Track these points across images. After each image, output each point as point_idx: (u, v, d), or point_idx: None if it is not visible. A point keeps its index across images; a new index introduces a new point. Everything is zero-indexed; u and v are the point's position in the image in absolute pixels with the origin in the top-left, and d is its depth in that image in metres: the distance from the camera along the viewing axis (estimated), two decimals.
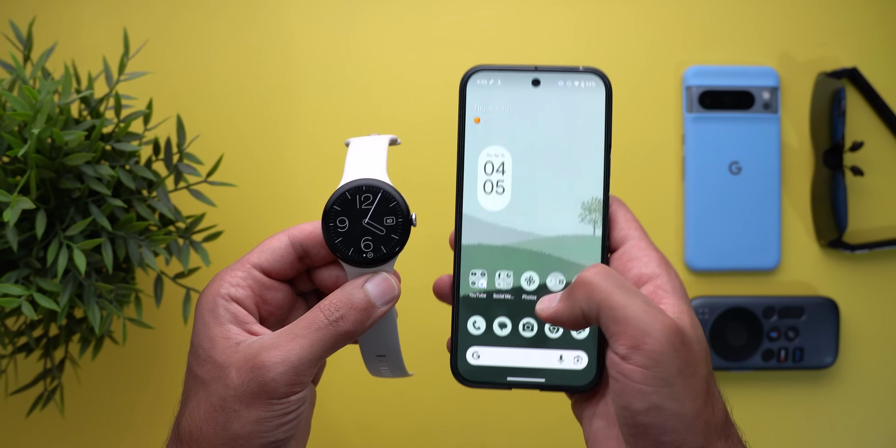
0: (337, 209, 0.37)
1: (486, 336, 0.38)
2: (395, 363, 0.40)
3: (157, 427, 0.67)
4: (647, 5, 0.68)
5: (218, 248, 0.62)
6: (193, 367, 0.36)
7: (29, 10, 0.65)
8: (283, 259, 0.38)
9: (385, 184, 0.37)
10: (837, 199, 0.66)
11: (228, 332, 0.35)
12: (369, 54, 0.68)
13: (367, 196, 0.36)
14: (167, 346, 0.66)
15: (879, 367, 0.69)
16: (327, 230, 0.36)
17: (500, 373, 0.38)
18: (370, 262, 0.36)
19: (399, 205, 0.36)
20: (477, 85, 0.39)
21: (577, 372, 0.37)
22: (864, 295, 0.69)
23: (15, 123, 0.49)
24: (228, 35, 0.67)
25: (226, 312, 0.36)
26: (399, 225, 0.36)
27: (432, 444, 0.68)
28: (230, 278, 0.37)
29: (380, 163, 0.38)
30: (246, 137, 0.67)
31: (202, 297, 0.37)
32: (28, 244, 0.52)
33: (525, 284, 0.38)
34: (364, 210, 0.36)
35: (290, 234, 0.38)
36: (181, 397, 0.36)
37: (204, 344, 0.35)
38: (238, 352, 0.34)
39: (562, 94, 0.38)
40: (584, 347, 0.37)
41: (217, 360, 0.35)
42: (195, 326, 0.37)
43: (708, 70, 0.67)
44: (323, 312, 0.35)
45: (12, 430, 0.66)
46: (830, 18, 0.68)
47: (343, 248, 0.36)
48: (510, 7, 0.68)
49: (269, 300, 0.38)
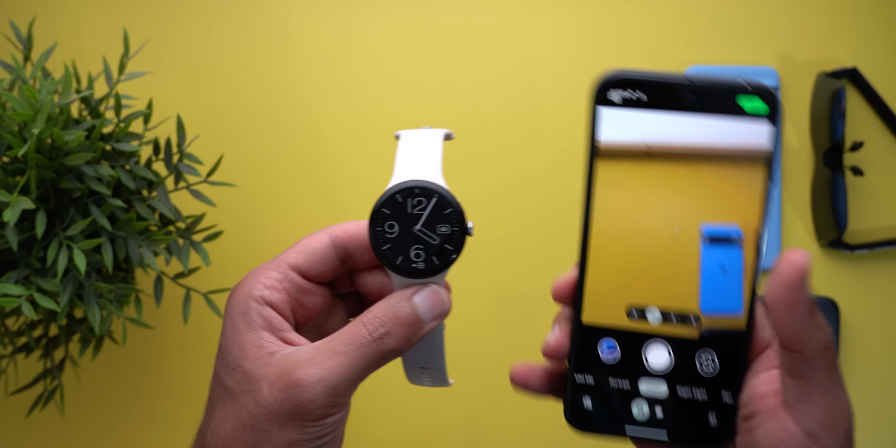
0: (386, 212, 0.33)
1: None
2: (438, 374, 0.38)
3: (157, 427, 0.67)
4: (648, 5, 0.68)
5: (218, 248, 0.62)
6: (221, 376, 0.33)
7: (29, 10, 0.65)
8: (324, 261, 0.35)
9: (440, 187, 0.33)
10: (837, 199, 0.66)
11: (261, 340, 0.33)
12: (369, 54, 0.68)
13: (420, 200, 0.33)
14: (167, 346, 0.66)
15: (879, 367, 0.69)
16: (374, 235, 0.33)
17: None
18: (420, 273, 0.33)
19: (455, 212, 0.33)
20: (613, 99, 0.31)
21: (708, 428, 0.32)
22: (863, 295, 0.69)
23: (15, 123, 0.49)
24: (228, 35, 0.67)
25: (259, 317, 0.33)
26: (454, 235, 0.33)
27: (432, 443, 0.68)
28: (265, 279, 0.34)
29: (434, 162, 0.34)
30: (246, 137, 0.67)
31: (233, 298, 0.34)
32: (28, 244, 0.52)
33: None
34: (416, 215, 0.33)
35: (332, 234, 0.35)
36: (206, 404, 0.34)
37: (233, 351, 0.33)
38: (271, 364, 0.32)
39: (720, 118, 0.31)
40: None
41: (248, 372, 0.32)
42: (224, 329, 0.34)
43: (708, 70, 0.67)
44: (366, 327, 0.32)
45: (12, 430, 0.66)
46: (830, 18, 0.68)
47: (390, 256, 0.33)
48: (510, 7, 0.68)
49: (305, 305, 0.35)
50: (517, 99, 0.68)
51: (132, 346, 0.65)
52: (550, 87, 0.68)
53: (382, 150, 0.67)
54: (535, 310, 0.67)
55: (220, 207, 0.62)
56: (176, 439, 0.65)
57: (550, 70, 0.68)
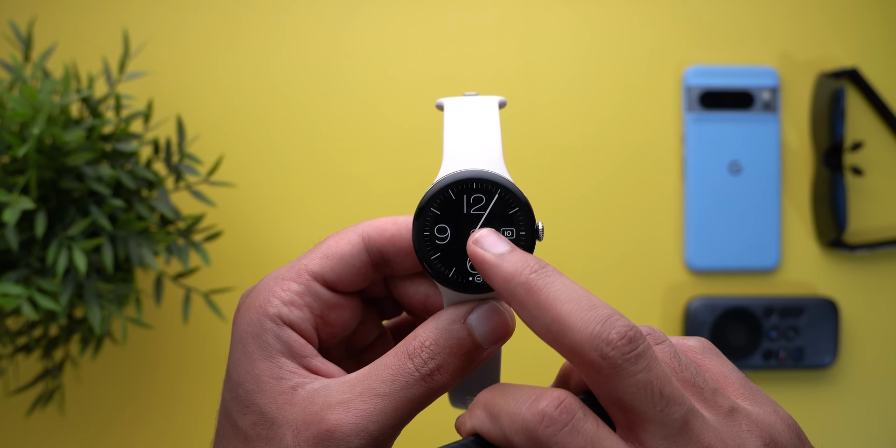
0: (435, 212, 0.27)
1: None
2: None
3: (157, 427, 0.67)
4: (648, 5, 0.68)
5: (218, 248, 0.62)
6: (232, 412, 0.27)
7: (29, 10, 0.65)
8: (354, 269, 0.28)
9: (504, 179, 0.27)
10: (837, 199, 0.66)
11: (280, 370, 0.27)
12: (369, 55, 0.68)
13: (479, 197, 0.27)
14: (167, 346, 0.66)
15: (879, 366, 0.69)
16: (420, 240, 0.27)
17: None
18: (478, 288, 0.27)
19: (523, 211, 0.27)
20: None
21: None
22: (863, 295, 0.69)
23: (15, 123, 0.49)
24: (228, 35, 0.67)
25: (276, 341, 0.27)
26: (521, 239, 0.27)
27: (432, 443, 0.67)
28: (282, 292, 0.28)
29: (494, 143, 0.28)
30: (246, 137, 0.67)
31: (243, 315, 0.28)
32: (28, 244, 0.52)
33: None
34: (474, 216, 0.27)
35: (364, 234, 0.28)
36: (214, 442, 0.28)
37: (246, 383, 0.27)
38: (295, 404, 0.26)
39: None
40: None
41: (266, 412, 0.26)
42: (233, 355, 0.28)
43: (708, 70, 0.67)
44: (412, 360, 0.26)
45: (12, 430, 0.66)
46: (831, 18, 0.68)
47: (441, 268, 0.27)
48: (510, 7, 0.68)
49: (331, 322, 0.29)
50: (517, 99, 0.68)
51: (132, 346, 0.65)
52: (550, 87, 0.68)
53: (383, 149, 0.67)
54: None
55: (220, 207, 0.62)
56: (176, 439, 0.65)
57: (550, 70, 0.68)
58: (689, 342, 0.28)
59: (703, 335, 0.67)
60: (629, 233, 0.68)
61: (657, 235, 0.68)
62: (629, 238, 0.68)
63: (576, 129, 0.68)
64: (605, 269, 0.67)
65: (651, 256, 0.68)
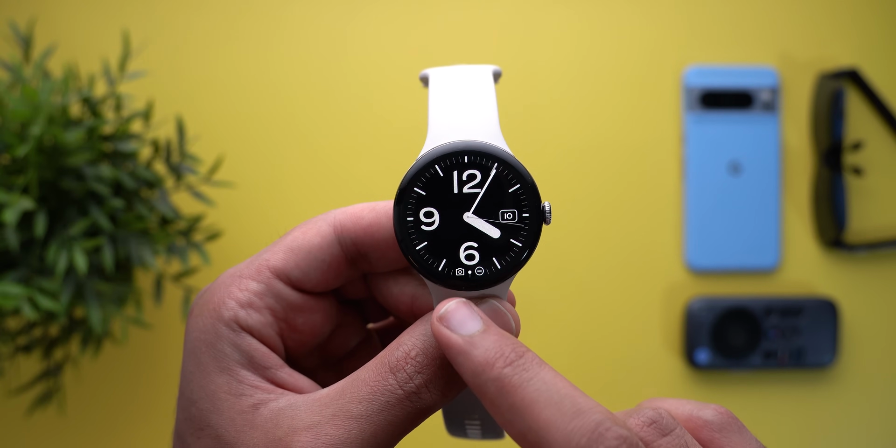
0: (419, 193, 0.23)
1: None
2: (490, 424, 0.27)
3: (157, 427, 0.67)
4: (647, 5, 0.68)
5: (218, 248, 0.62)
6: (185, 436, 0.23)
7: (29, 10, 0.65)
8: (324, 264, 0.24)
9: (502, 151, 0.23)
10: (837, 199, 0.66)
11: (239, 385, 0.22)
12: (368, 54, 0.68)
13: (473, 174, 0.22)
14: (167, 346, 0.66)
15: (879, 366, 0.69)
16: (403, 228, 0.22)
17: None
18: (475, 282, 0.23)
19: (526, 187, 0.23)
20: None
21: None
22: (863, 295, 0.69)
23: (15, 123, 0.49)
24: (228, 35, 0.67)
25: (233, 350, 0.23)
26: (525, 222, 0.23)
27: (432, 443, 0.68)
28: (238, 292, 0.23)
29: (489, 111, 0.23)
30: (246, 137, 0.67)
31: (195, 321, 0.23)
32: (28, 244, 0.52)
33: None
34: (467, 196, 0.22)
35: (336, 223, 0.24)
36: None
37: (200, 401, 0.22)
38: (256, 427, 0.22)
39: None
40: None
41: (222, 436, 0.22)
42: (184, 367, 0.23)
43: (708, 70, 0.67)
44: (395, 375, 0.22)
45: (12, 430, 0.66)
46: (831, 18, 0.68)
47: (428, 260, 0.22)
48: (510, 7, 0.68)
49: (298, 327, 0.24)
50: (517, 99, 0.68)
51: (132, 346, 0.65)
52: (550, 87, 0.68)
53: (382, 149, 0.67)
54: (535, 309, 0.67)
55: (220, 207, 0.62)
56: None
57: (550, 70, 0.68)
58: (705, 415, 0.23)
59: (703, 335, 0.67)
60: (629, 232, 0.68)
61: (657, 235, 0.68)
62: (629, 238, 0.68)
63: (576, 130, 0.68)
64: (605, 268, 0.67)
65: (651, 256, 0.68)
